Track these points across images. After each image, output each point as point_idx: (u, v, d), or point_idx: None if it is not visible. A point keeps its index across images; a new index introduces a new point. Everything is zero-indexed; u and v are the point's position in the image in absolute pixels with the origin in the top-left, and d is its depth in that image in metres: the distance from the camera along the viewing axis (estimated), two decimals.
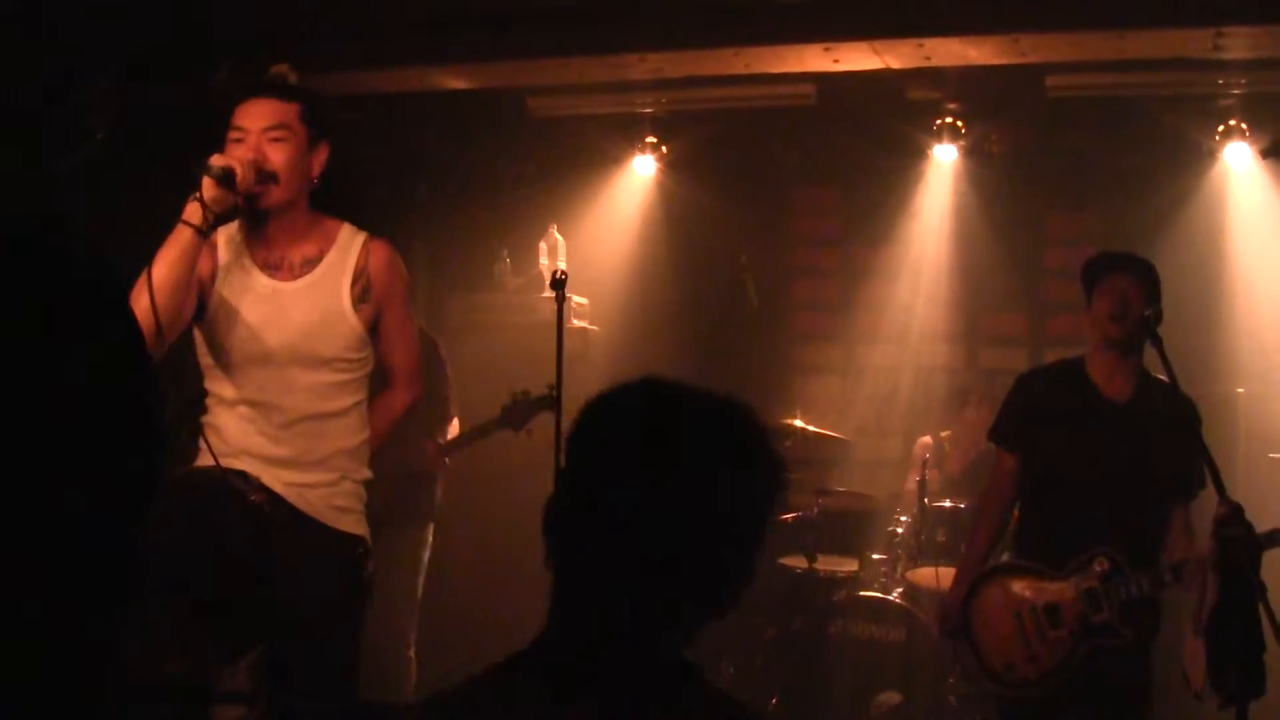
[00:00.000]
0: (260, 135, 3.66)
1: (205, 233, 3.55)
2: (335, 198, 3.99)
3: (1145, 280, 4.34)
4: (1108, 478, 4.26)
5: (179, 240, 3.52)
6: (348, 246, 3.81)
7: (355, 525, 3.78)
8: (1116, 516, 4.23)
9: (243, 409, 3.69)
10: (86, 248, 3.77)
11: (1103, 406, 4.36)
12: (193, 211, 3.53)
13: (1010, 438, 4.59)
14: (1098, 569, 4.21)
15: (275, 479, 3.65)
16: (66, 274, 1.03)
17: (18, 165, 5.09)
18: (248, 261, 3.74)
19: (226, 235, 3.78)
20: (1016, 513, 4.66)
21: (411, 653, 6.00)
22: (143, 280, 3.49)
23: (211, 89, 5.58)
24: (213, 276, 3.73)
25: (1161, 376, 4.28)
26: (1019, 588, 4.38)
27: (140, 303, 3.45)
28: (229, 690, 3.51)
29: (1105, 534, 4.22)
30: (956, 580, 4.59)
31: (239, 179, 3.54)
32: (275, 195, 3.67)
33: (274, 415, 3.67)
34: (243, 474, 3.62)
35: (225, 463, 3.61)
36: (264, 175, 3.63)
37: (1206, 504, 3.97)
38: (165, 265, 3.50)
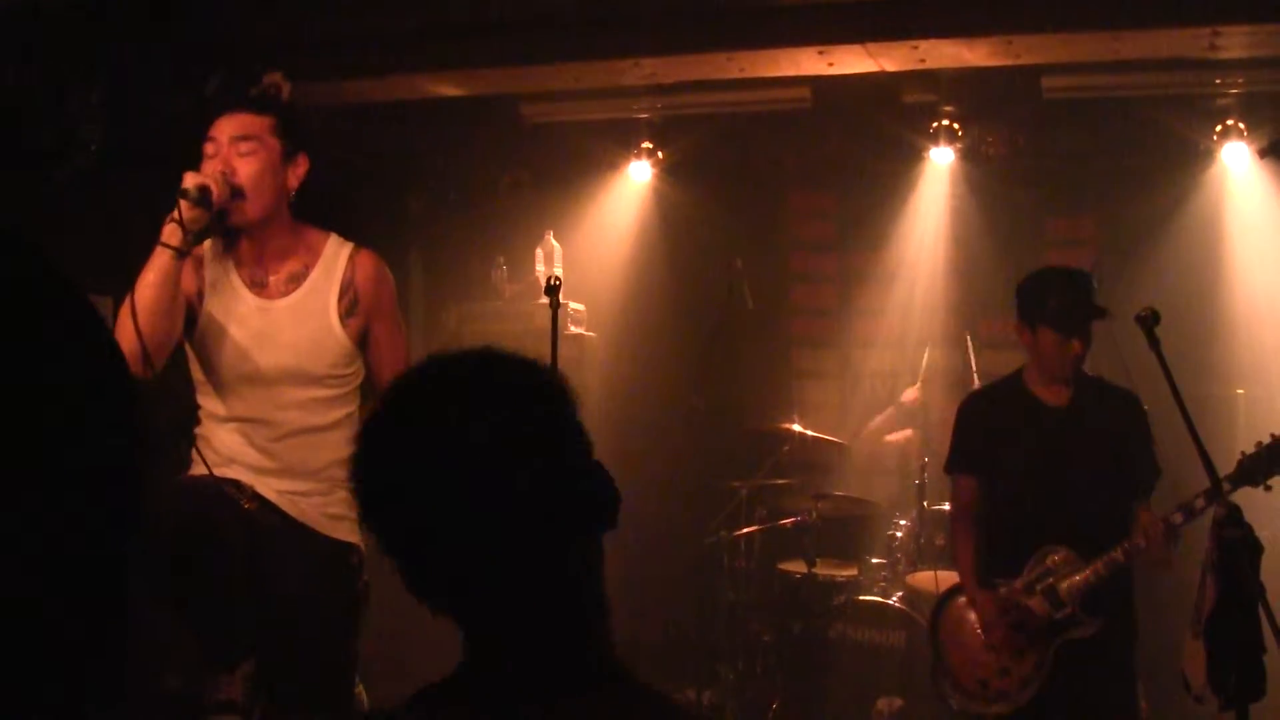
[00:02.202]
0: (229, 148, 3.63)
1: (184, 253, 3.52)
2: (329, 207, 3.97)
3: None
4: (1059, 483, 4.29)
5: (159, 263, 3.49)
6: (334, 260, 3.78)
7: (349, 533, 3.76)
8: (1074, 518, 4.26)
9: (235, 424, 3.68)
10: (82, 257, 3.78)
11: (1045, 415, 4.38)
12: (170, 233, 3.49)
13: (965, 465, 4.60)
14: (1051, 565, 4.23)
15: (268, 487, 3.64)
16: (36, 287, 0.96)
17: (11, 175, 5.08)
18: (234, 278, 3.72)
19: (212, 251, 3.76)
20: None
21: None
22: (126, 305, 3.47)
23: (204, 99, 5.57)
24: (200, 294, 3.71)
25: (1098, 375, 4.47)
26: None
27: (125, 328, 3.43)
28: (223, 700, 3.49)
29: (1066, 533, 4.23)
30: (971, 586, 4.55)
31: (215, 195, 3.51)
32: (244, 210, 3.63)
33: (266, 430, 3.66)
34: (235, 482, 3.60)
35: (218, 472, 3.60)
36: (233, 190, 3.59)
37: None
38: (147, 289, 3.48)
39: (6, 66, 5.00)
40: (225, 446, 3.66)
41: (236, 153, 3.63)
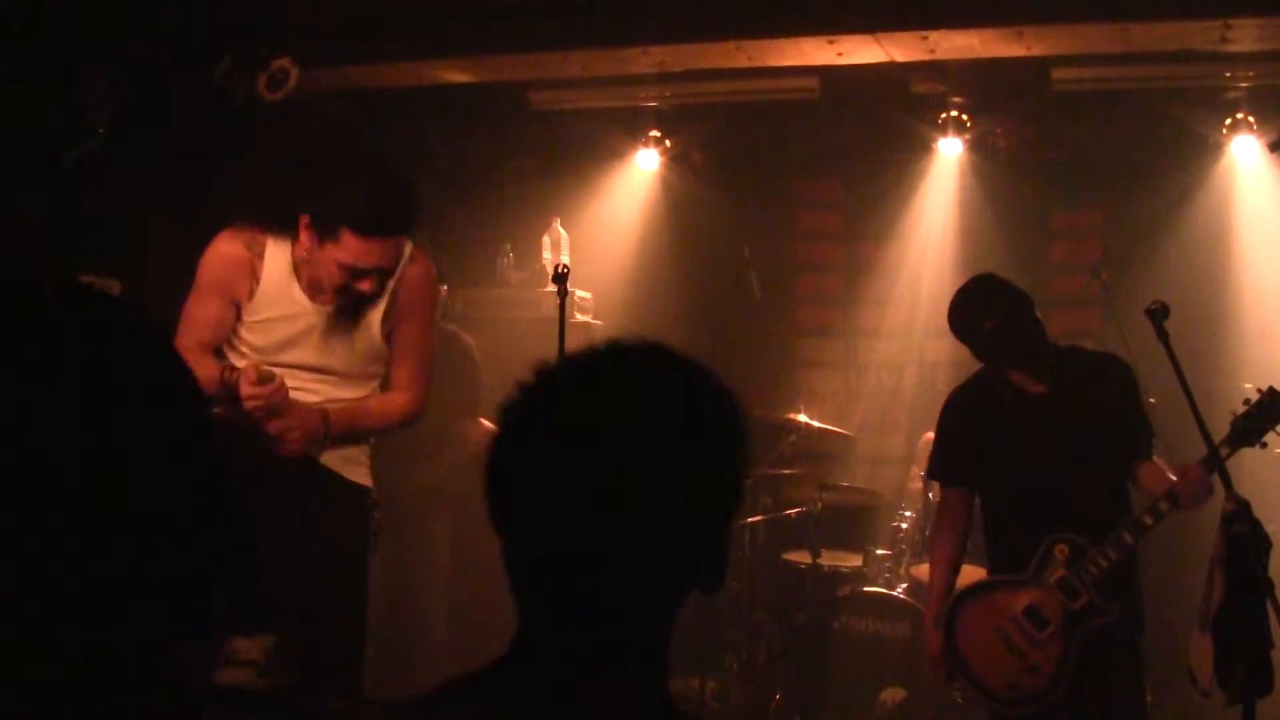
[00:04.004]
0: (364, 278, 3.68)
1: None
2: None
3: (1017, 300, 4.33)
4: (1052, 472, 4.23)
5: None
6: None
7: (364, 477, 3.94)
8: (1073, 503, 4.20)
9: None
10: (91, 240, 3.84)
11: (1027, 403, 4.33)
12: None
13: (951, 472, 4.56)
14: (1060, 556, 4.18)
15: None
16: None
17: (21, 158, 5.08)
18: (289, 280, 3.80)
19: (276, 253, 3.79)
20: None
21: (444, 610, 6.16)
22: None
23: (213, 83, 5.56)
24: (250, 293, 3.78)
25: (1080, 344, 4.45)
26: (993, 604, 4.30)
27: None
28: (243, 659, 3.53)
29: (1066, 521, 4.18)
30: (929, 623, 4.50)
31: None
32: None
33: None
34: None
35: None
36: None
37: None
38: None
39: (15, 50, 4.99)
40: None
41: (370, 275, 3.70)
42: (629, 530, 1.44)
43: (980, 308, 4.33)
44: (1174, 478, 4.17)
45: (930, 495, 6.15)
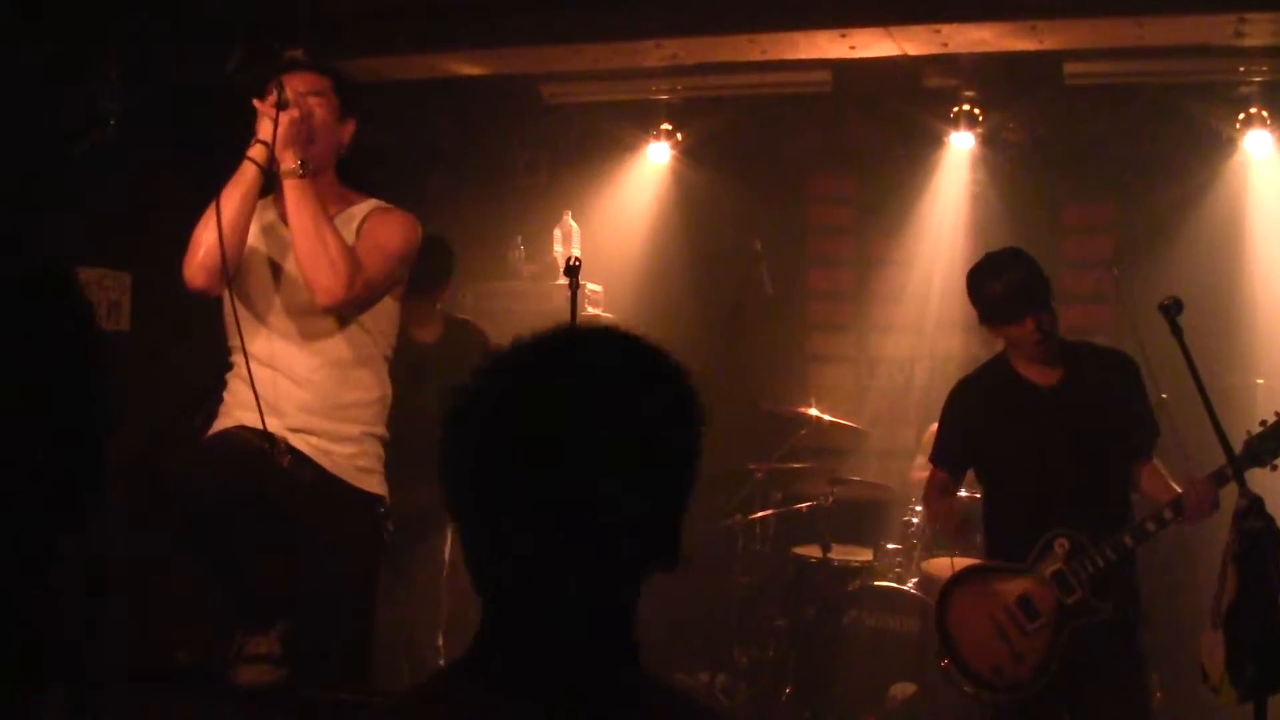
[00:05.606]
0: (301, 97, 3.77)
1: (264, 170, 3.69)
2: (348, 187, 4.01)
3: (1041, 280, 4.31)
4: (1057, 468, 4.24)
5: (244, 178, 3.68)
6: (360, 209, 3.92)
7: (378, 486, 3.90)
8: (1076, 497, 4.21)
9: (267, 362, 3.76)
10: (101, 231, 3.87)
11: (1035, 395, 4.33)
12: (258, 151, 3.69)
13: (951, 457, 4.57)
14: (1059, 550, 4.18)
15: (303, 441, 3.74)
16: None
17: (32, 150, 5.08)
18: (276, 222, 3.85)
19: (259, 212, 3.86)
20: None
21: (440, 643, 5.94)
22: (209, 218, 3.64)
23: (224, 75, 5.56)
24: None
25: (1088, 340, 4.50)
26: (987, 589, 4.32)
27: (208, 239, 3.62)
28: (261, 653, 3.53)
29: (1068, 517, 4.18)
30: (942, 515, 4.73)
31: (290, 102, 3.68)
32: (311, 154, 3.76)
33: (298, 361, 3.77)
34: (270, 436, 3.67)
35: (251, 420, 3.69)
36: (309, 129, 3.76)
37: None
38: (233, 201, 3.66)
39: (26, 42, 4.99)
40: (259, 390, 3.68)
41: (308, 100, 3.79)
42: (591, 512, 1.48)
43: (995, 270, 4.34)
44: (1173, 484, 4.18)
45: None
